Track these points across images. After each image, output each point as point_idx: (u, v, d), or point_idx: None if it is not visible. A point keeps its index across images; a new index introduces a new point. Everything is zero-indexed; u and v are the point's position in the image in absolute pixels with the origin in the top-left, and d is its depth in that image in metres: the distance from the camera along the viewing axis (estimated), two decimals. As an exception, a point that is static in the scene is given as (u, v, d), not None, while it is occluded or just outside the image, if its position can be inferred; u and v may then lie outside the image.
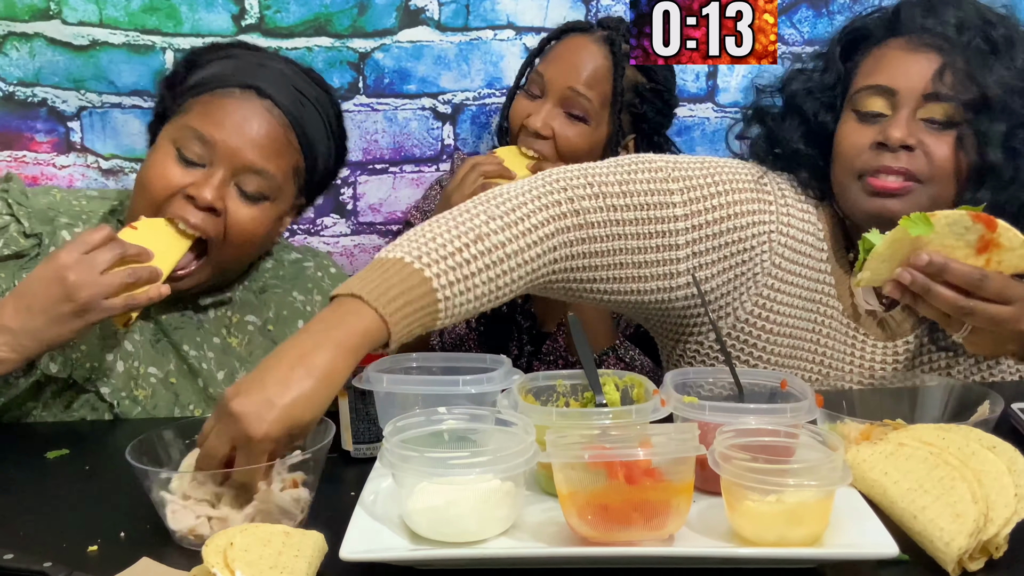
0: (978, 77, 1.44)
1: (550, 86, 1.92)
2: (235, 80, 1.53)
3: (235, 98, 1.51)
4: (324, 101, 1.62)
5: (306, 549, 1.02)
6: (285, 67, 1.60)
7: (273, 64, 1.59)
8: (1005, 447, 1.10)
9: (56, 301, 1.32)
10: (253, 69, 1.55)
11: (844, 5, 2.18)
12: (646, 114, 1.98)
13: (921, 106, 1.46)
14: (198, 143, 1.48)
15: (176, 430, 1.22)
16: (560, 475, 1.05)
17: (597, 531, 1.03)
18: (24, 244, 1.53)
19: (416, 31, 2.14)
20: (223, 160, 1.49)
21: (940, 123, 1.46)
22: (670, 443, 1.05)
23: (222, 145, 1.48)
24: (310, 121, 1.57)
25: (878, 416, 1.29)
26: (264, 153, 1.51)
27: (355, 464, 1.32)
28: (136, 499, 1.23)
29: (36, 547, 1.10)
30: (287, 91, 1.55)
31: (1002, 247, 1.26)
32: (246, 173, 1.50)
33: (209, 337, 1.60)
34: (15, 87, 2.09)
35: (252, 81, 1.53)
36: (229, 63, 1.58)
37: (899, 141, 1.45)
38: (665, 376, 1.29)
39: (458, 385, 1.24)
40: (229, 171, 1.49)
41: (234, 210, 1.50)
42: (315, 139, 1.58)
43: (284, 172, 1.54)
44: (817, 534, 1.04)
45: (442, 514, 1.05)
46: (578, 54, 1.92)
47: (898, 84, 1.47)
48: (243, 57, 1.60)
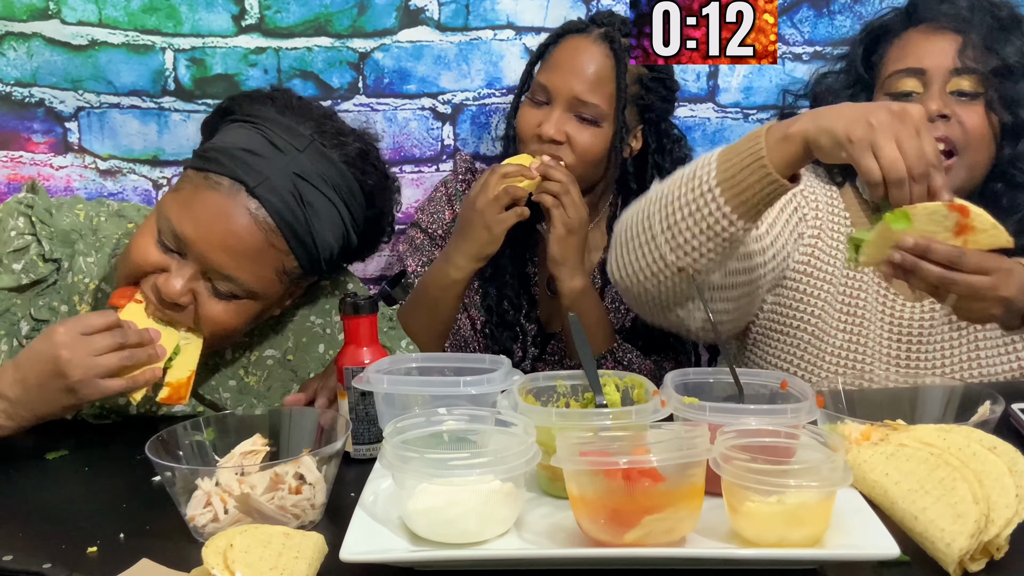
0: (997, 48, 1.66)
1: (556, 94, 1.90)
2: (228, 169, 1.39)
3: (220, 192, 1.38)
4: (342, 181, 1.45)
5: (306, 550, 1.02)
6: (303, 146, 1.43)
7: (289, 140, 1.42)
8: (1006, 448, 1.10)
9: (48, 377, 1.31)
10: (251, 156, 1.40)
11: (845, 5, 2.17)
12: (652, 104, 1.98)
13: (949, 80, 1.67)
14: (172, 237, 1.39)
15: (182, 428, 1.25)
16: (571, 479, 1.05)
17: (608, 534, 1.03)
18: (43, 270, 1.51)
19: (416, 31, 2.14)
20: (194, 257, 1.39)
21: (969, 94, 1.66)
22: (680, 447, 1.05)
23: (193, 243, 1.38)
24: (309, 217, 1.42)
25: (879, 417, 1.29)
26: (236, 259, 1.38)
27: (355, 465, 1.32)
28: (136, 500, 1.24)
29: (36, 548, 1.10)
30: (284, 188, 1.39)
31: (975, 229, 1.35)
32: (217, 277, 1.40)
33: (225, 380, 1.57)
34: (12, 87, 2.08)
35: (244, 176, 1.38)
36: (242, 134, 1.43)
37: (936, 111, 1.64)
38: (665, 377, 1.29)
39: (458, 386, 1.24)
40: (199, 268, 1.40)
41: (204, 304, 1.41)
42: (319, 234, 1.43)
43: (260, 277, 1.42)
44: (818, 535, 1.04)
45: (442, 515, 1.05)
46: (579, 58, 1.91)
47: (926, 64, 1.68)
48: (263, 127, 1.43)
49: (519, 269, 2.04)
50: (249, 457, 1.21)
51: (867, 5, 2.16)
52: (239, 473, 1.15)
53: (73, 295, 1.51)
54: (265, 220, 1.39)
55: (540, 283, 2.05)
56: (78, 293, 1.51)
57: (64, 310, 1.51)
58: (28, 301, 1.50)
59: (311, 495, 1.15)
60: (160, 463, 1.14)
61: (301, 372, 1.58)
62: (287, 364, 1.58)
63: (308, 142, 1.44)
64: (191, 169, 1.43)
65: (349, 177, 1.47)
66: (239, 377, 1.57)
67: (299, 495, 1.14)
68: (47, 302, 1.51)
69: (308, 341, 1.58)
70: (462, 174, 2.08)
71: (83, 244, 1.53)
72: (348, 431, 1.25)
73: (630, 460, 1.02)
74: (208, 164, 1.41)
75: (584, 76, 1.89)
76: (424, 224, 2.05)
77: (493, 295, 2.01)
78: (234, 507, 1.12)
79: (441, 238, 2.03)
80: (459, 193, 2.05)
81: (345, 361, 1.36)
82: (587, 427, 1.12)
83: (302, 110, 1.48)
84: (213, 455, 1.24)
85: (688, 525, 1.05)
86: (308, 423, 1.28)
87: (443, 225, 2.04)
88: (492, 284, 2.02)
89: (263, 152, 1.41)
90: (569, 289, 1.87)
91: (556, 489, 1.16)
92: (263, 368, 1.57)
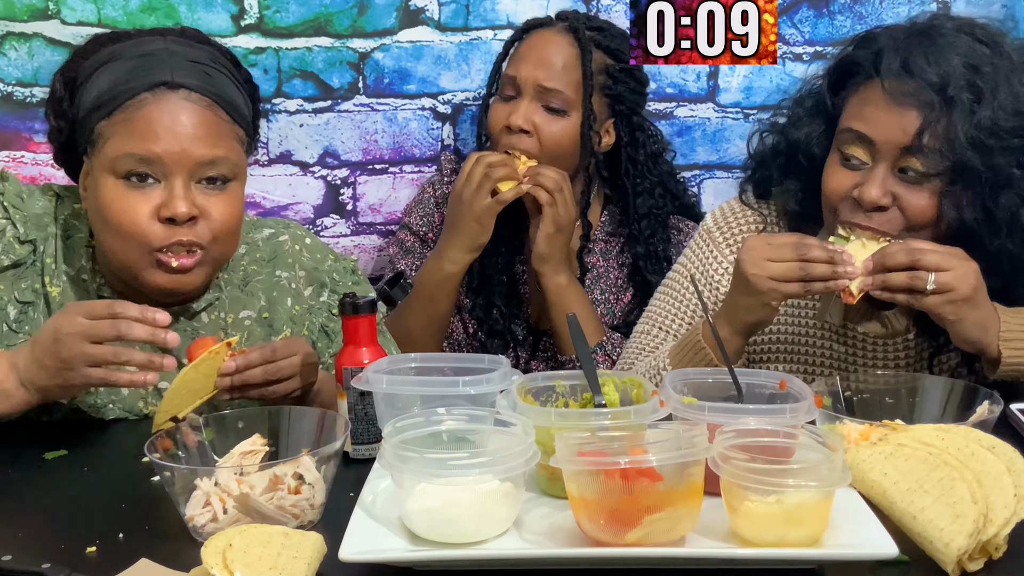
0: (958, 136, 1.44)
1: (523, 85, 1.93)
2: (138, 85, 1.44)
3: (150, 104, 1.44)
4: (216, 56, 1.53)
5: (305, 550, 1.02)
6: (166, 43, 1.50)
7: (156, 46, 1.49)
8: (1004, 447, 1.10)
9: (47, 350, 1.33)
10: (146, 63, 1.46)
11: (845, 5, 2.17)
12: (621, 95, 2.00)
13: (900, 158, 1.49)
14: (143, 164, 1.42)
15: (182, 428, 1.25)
16: (570, 479, 1.05)
17: (608, 534, 1.03)
18: (21, 252, 1.52)
19: (416, 31, 2.14)
20: (175, 169, 1.43)
21: (919, 174, 1.48)
22: (679, 446, 1.05)
23: (167, 156, 1.42)
24: (222, 85, 1.50)
25: (878, 417, 1.30)
26: (209, 142, 1.45)
27: (354, 465, 1.32)
28: (135, 500, 1.24)
29: (35, 548, 1.10)
30: (189, 69, 1.47)
31: None
32: (202, 169, 1.45)
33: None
34: (13, 87, 2.09)
35: (156, 78, 1.45)
36: (116, 68, 1.47)
37: (872, 203, 1.49)
38: (665, 377, 1.29)
39: (457, 386, 1.24)
40: (186, 175, 1.44)
41: (208, 207, 1.45)
42: (235, 99, 1.52)
43: (232, 148, 1.49)
44: (817, 535, 1.04)
45: (441, 515, 1.05)
46: (544, 49, 1.94)
47: (877, 136, 1.49)
48: (125, 55, 1.48)
49: (508, 269, 2.04)
50: (248, 457, 1.21)
51: (867, 5, 2.17)
52: (238, 473, 1.15)
53: (46, 276, 1.53)
54: (200, 99, 1.46)
55: (530, 281, 2.06)
56: (50, 274, 1.53)
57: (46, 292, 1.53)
58: (11, 285, 1.51)
59: (310, 495, 1.15)
60: (159, 463, 1.14)
61: (276, 325, 1.62)
62: (264, 322, 1.62)
63: (163, 41, 1.51)
64: (102, 122, 1.45)
65: (210, 47, 1.55)
66: (220, 338, 1.58)
67: (298, 495, 1.14)
68: (29, 284, 1.52)
69: (278, 295, 1.63)
70: (448, 175, 2.09)
71: (54, 227, 1.55)
72: (347, 431, 1.25)
73: (629, 460, 1.02)
74: (116, 99, 1.44)
75: (549, 64, 1.92)
76: (414, 226, 2.05)
77: (481, 305, 2.02)
78: (233, 507, 1.12)
79: (432, 240, 2.03)
80: (446, 195, 2.05)
81: (344, 361, 1.36)
82: (586, 427, 1.12)
83: (124, 32, 1.59)
84: (212, 455, 1.24)
85: (687, 525, 1.05)
86: (307, 423, 1.28)
87: (433, 227, 2.04)
88: (480, 295, 2.02)
89: (145, 63, 1.46)
90: (555, 284, 1.91)
91: (555, 489, 1.16)
92: (241, 329, 1.61)
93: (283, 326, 1.62)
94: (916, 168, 1.48)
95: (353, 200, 2.21)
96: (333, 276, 1.68)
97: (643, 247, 2.03)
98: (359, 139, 2.17)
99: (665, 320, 1.75)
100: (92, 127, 1.46)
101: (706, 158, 2.24)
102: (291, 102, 2.13)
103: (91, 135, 1.47)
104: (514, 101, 1.94)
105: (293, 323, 1.63)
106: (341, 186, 2.19)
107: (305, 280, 1.66)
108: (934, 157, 1.46)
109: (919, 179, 1.48)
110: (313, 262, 1.68)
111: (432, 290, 1.89)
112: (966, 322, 1.45)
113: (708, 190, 2.26)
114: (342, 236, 2.21)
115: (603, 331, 1.97)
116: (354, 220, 2.22)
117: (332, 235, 2.20)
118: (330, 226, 2.21)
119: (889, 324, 1.64)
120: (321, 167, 2.17)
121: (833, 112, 1.59)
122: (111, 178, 1.44)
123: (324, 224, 2.20)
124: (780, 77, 2.18)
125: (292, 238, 1.69)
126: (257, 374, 1.40)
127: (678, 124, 2.22)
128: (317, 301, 1.66)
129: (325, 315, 1.66)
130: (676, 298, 1.76)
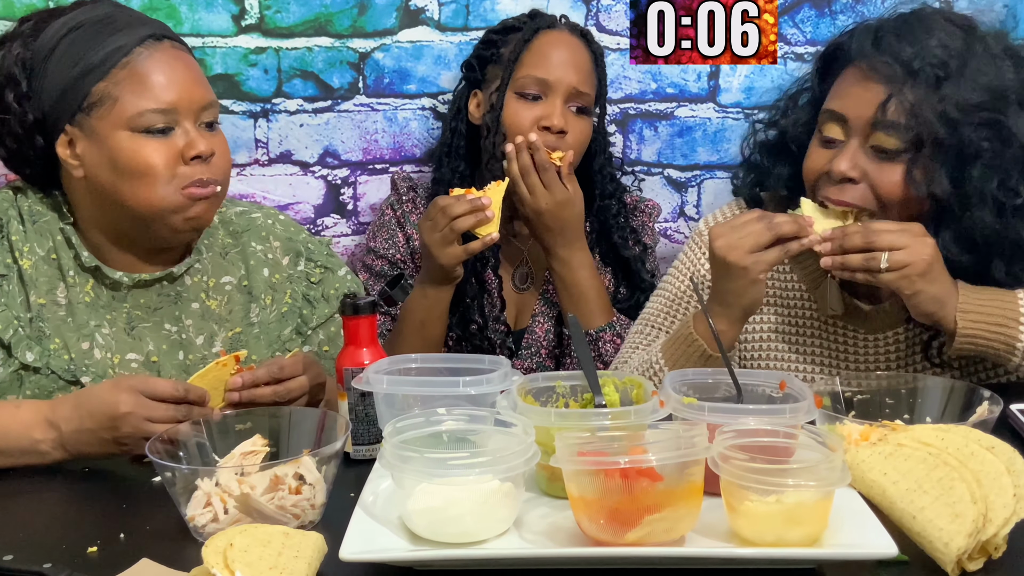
0: (923, 110, 1.48)
1: (556, 86, 1.91)
2: (128, 42, 1.50)
3: (148, 57, 1.50)
4: None
5: (306, 550, 1.03)
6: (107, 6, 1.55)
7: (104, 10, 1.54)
8: (1004, 447, 1.11)
9: (102, 425, 1.32)
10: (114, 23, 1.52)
11: (847, 4, 2.17)
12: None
13: (870, 135, 1.52)
14: (159, 116, 1.49)
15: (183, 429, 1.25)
16: (570, 479, 1.05)
17: (608, 534, 1.03)
18: None
19: (416, 31, 2.14)
20: (185, 114, 1.51)
21: (889, 151, 1.51)
22: (678, 446, 1.05)
23: (180, 103, 1.50)
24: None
25: (877, 417, 1.30)
26: (204, 86, 1.55)
27: (354, 465, 1.33)
28: (136, 500, 1.24)
29: (36, 548, 1.11)
30: (153, 23, 1.56)
31: None
32: (204, 113, 1.54)
33: (187, 305, 1.61)
34: (15, 87, 2.08)
35: (139, 33, 1.51)
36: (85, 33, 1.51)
37: (840, 174, 1.54)
38: (665, 377, 1.29)
39: (458, 386, 1.25)
40: (193, 118, 1.52)
41: (213, 146, 1.54)
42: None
43: (210, 88, 1.58)
44: (816, 534, 1.04)
45: (441, 515, 1.05)
46: (569, 51, 1.94)
47: (848, 112, 1.54)
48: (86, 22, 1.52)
49: (479, 276, 2.02)
50: (249, 457, 1.21)
51: (869, 5, 2.16)
52: (239, 473, 1.15)
53: (15, 252, 1.53)
54: (182, 47, 1.57)
55: (505, 281, 2.05)
56: (18, 250, 1.53)
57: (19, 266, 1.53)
58: None
59: (311, 495, 1.15)
60: (160, 463, 1.15)
61: (256, 292, 1.67)
62: (244, 289, 1.67)
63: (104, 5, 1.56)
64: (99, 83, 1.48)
65: None
66: (201, 300, 1.63)
67: (299, 495, 1.14)
68: (1, 259, 1.53)
69: (255, 264, 1.68)
70: (404, 193, 2.07)
71: (14, 211, 1.56)
72: (348, 431, 1.25)
73: (629, 460, 1.02)
74: (110, 58, 1.49)
75: (579, 67, 1.94)
76: (380, 250, 2.03)
77: (455, 319, 2.01)
78: (234, 507, 1.12)
79: (401, 261, 2.03)
80: (407, 214, 2.04)
81: (345, 362, 1.36)
82: (586, 427, 1.13)
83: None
84: (213, 455, 1.25)
85: (687, 524, 1.05)
86: (308, 424, 1.28)
87: (399, 248, 2.03)
88: (455, 311, 2.00)
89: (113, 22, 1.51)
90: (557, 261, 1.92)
91: (555, 489, 1.16)
92: (222, 293, 1.65)
93: (262, 294, 1.66)
94: (884, 145, 1.51)
95: (353, 200, 2.21)
96: (308, 246, 1.74)
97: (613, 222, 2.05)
98: (359, 139, 2.17)
99: (659, 319, 1.78)
100: (85, 91, 1.48)
101: (707, 158, 2.24)
102: (291, 102, 2.13)
103: (83, 100, 1.49)
104: (542, 102, 1.93)
105: (273, 290, 1.68)
106: (341, 186, 2.19)
107: (281, 250, 1.71)
108: (899, 130, 1.49)
109: (889, 156, 1.52)
110: (287, 234, 1.73)
111: (422, 316, 1.89)
112: (922, 295, 1.48)
113: (708, 190, 2.26)
114: (342, 236, 2.21)
115: (611, 312, 1.96)
116: (354, 220, 2.22)
117: (332, 235, 2.20)
118: (330, 226, 2.21)
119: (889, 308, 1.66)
120: (321, 167, 2.18)
121: (820, 99, 1.63)
122: (125, 132, 1.48)
123: (324, 224, 2.20)
124: (781, 77, 2.17)
125: (265, 215, 1.75)
126: (266, 395, 1.40)
127: (679, 124, 2.22)
128: (295, 270, 1.71)
129: (304, 283, 1.71)
130: (670, 298, 1.78)
